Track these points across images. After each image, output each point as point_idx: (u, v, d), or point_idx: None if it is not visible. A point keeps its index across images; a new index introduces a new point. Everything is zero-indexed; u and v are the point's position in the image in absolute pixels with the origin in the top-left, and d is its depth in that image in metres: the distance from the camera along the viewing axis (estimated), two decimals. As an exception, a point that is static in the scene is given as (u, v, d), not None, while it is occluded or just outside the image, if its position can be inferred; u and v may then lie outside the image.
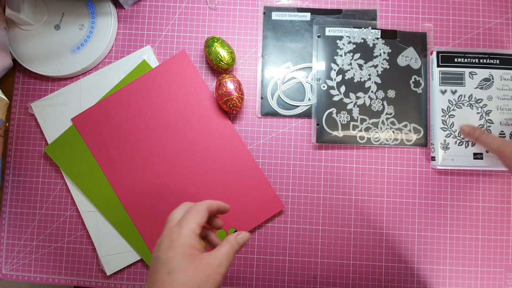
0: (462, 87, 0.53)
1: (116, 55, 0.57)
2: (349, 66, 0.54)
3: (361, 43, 0.55)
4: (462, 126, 0.52)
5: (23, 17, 0.52)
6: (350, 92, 0.54)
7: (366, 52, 0.55)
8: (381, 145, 0.54)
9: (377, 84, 0.54)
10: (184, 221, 0.35)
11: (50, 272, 0.55)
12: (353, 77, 0.54)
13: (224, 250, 0.35)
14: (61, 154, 0.54)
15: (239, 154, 0.54)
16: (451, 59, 0.53)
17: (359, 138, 0.54)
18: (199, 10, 0.57)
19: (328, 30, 0.55)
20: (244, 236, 0.37)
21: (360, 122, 0.54)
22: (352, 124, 0.54)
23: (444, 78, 0.53)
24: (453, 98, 0.53)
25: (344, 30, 0.55)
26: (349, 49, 0.55)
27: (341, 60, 0.54)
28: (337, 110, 0.54)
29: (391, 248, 0.54)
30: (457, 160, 0.53)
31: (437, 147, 0.53)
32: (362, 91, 0.54)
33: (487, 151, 0.52)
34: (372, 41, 0.55)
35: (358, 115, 0.54)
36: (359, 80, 0.54)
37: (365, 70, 0.54)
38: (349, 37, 0.55)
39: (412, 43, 0.55)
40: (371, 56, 0.55)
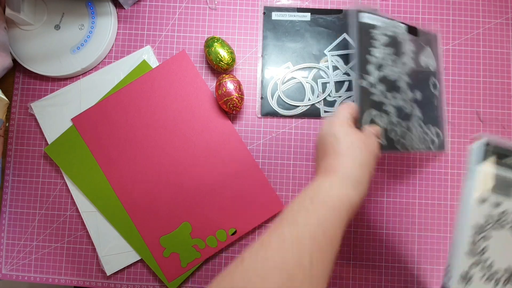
0: (510, 200, 0.36)
1: (116, 55, 0.57)
2: (384, 61, 0.45)
3: (392, 36, 0.46)
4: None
5: (23, 17, 0.52)
6: (387, 91, 0.45)
7: (396, 47, 0.47)
8: (413, 151, 0.48)
9: (408, 84, 0.47)
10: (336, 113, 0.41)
11: (50, 272, 0.55)
12: (388, 74, 0.45)
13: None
14: (61, 154, 0.54)
15: (239, 154, 0.54)
16: (503, 157, 0.36)
17: (401, 145, 0.46)
18: (199, 10, 0.57)
19: (366, 16, 0.45)
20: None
21: (400, 126, 0.46)
22: (391, 129, 0.45)
23: (497, 183, 0.36)
24: (494, 213, 0.36)
25: (379, 19, 0.46)
26: (383, 41, 0.45)
27: (377, 52, 0.45)
28: (377, 111, 0.44)
29: (391, 248, 0.54)
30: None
31: (455, 277, 0.36)
32: (396, 90, 0.46)
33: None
34: (401, 36, 0.48)
35: (396, 119, 0.45)
36: (392, 78, 0.46)
37: (397, 68, 0.46)
38: (382, 28, 0.46)
39: (428, 43, 0.52)
40: (400, 52, 0.47)
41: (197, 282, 0.54)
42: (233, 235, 0.53)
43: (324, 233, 0.32)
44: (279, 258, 0.30)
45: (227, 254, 0.54)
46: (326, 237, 0.32)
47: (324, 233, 0.32)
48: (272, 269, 0.30)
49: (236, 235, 0.53)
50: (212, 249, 0.53)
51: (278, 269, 0.30)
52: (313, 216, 0.33)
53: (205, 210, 0.53)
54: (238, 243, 0.54)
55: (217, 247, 0.53)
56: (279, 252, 0.31)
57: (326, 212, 0.33)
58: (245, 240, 0.54)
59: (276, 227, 0.33)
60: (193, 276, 0.54)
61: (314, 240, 0.31)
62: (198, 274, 0.54)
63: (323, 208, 0.33)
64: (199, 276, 0.54)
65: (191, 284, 0.54)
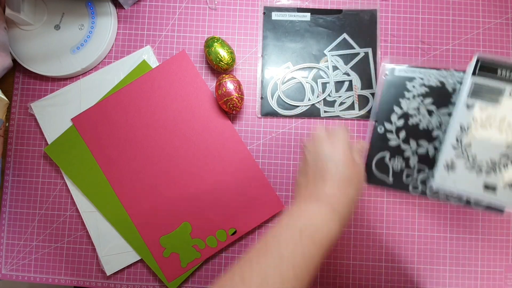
0: (495, 106, 0.44)
1: (116, 55, 0.57)
2: (415, 111, 0.48)
3: (438, 87, 0.48)
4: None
5: (23, 17, 0.52)
6: (411, 138, 0.48)
7: (441, 97, 0.48)
8: (438, 199, 0.49)
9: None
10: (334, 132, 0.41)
11: (50, 272, 0.55)
12: (418, 123, 0.48)
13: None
14: (61, 154, 0.54)
15: (239, 154, 0.54)
16: (493, 70, 0.44)
17: (413, 188, 0.49)
18: (199, 10, 0.57)
19: (399, 70, 0.49)
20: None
21: (417, 172, 0.48)
22: (406, 173, 0.49)
23: (476, 91, 0.44)
24: (479, 117, 0.44)
25: (418, 71, 0.49)
26: (420, 92, 0.48)
27: (407, 103, 0.48)
28: (391, 155, 0.49)
29: (391, 248, 0.54)
30: (460, 185, 0.45)
31: (440, 164, 0.45)
32: (426, 139, 0.48)
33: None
34: (452, 85, 0.48)
35: (416, 164, 0.48)
36: (425, 127, 0.48)
37: (435, 118, 0.48)
38: (422, 79, 0.48)
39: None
40: (447, 102, 0.48)
41: (197, 282, 0.54)
42: (233, 235, 0.53)
43: (307, 267, 0.33)
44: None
45: (227, 254, 0.54)
46: (308, 270, 0.33)
47: (307, 267, 0.33)
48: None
49: (236, 235, 0.53)
50: (212, 249, 0.53)
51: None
52: (299, 250, 0.33)
53: (205, 210, 0.53)
54: (238, 243, 0.54)
55: (217, 247, 0.53)
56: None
57: (312, 248, 0.34)
58: (245, 240, 0.54)
59: (259, 257, 0.33)
60: (193, 276, 0.54)
61: (296, 273, 0.32)
62: (198, 274, 0.54)
63: (311, 244, 0.34)
64: (199, 276, 0.54)
65: (191, 284, 0.54)
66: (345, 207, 0.37)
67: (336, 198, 0.37)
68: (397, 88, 0.49)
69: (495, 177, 0.44)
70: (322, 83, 0.56)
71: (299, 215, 0.36)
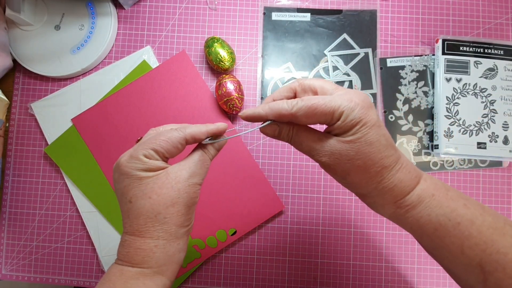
0: (467, 76, 0.53)
1: (116, 55, 0.57)
2: (414, 95, 0.55)
3: (424, 70, 0.56)
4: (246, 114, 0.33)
5: (23, 17, 0.52)
6: (418, 120, 0.55)
7: (429, 78, 0.56)
8: (456, 170, 0.55)
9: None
10: (138, 146, 0.31)
11: (50, 272, 0.55)
12: (419, 105, 0.55)
13: (195, 157, 0.32)
14: (61, 154, 0.54)
15: (239, 154, 0.54)
16: (456, 48, 0.54)
17: (432, 164, 0.55)
18: (199, 10, 0.57)
19: (390, 61, 0.56)
20: (222, 143, 0.34)
21: (432, 148, 0.55)
22: (424, 152, 0.55)
23: (449, 66, 0.53)
24: (457, 86, 0.53)
25: (405, 59, 0.56)
26: (412, 77, 0.55)
27: (405, 89, 0.55)
28: (407, 140, 0.55)
29: (391, 248, 0.54)
30: (461, 149, 0.52)
31: (441, 135, 0.53)
32: (430, 117, 0.55)
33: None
34: (433, 67, 0.56)
35: (429, 142, 0.55)
36: (426, 107, 0.55)
37: (430, 97, 0.55)
38: (411, 66, 0.56)
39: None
40: (434, 81, 0.55)
41: (197, 282, 0.54)
42: (233, 235, 0.53)
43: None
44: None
45: (227, 254, 0.54)
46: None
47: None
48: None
49: (236, 235, 0.53)
50: (212, 249, 0.53)
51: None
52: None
53: (205, 210, 0.53)
54: (238, 243, 0.54)
55: (217, 247, 0.53)
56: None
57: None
58: (245, 240, 0.54)
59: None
60: (193, 276, 0.54)
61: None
62: (198, 274, 0.54)
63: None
64: (199, 276, 0.54)
65: (191, 284, 0.54)
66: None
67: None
68: (394, 77, 0.56)
69: (482, 136, 0.53)
70: (322, 83, 0.56)
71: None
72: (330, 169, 0.30)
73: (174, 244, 0.31)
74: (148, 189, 0.30)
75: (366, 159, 0.28)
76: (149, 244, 0.30)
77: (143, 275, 0.30)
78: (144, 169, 0.30)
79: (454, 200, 0.30)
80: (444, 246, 0.28)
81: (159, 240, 0.30)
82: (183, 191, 0.30)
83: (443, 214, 0.29)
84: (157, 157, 0.31)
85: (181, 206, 0.30)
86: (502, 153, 0.52)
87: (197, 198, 0.32)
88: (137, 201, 0.30)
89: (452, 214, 0.28)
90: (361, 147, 0.28)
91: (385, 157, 0.29)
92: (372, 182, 0.29)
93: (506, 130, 0.53)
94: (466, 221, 0.28)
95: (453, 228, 0.28)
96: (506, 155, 0.52)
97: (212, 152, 0.34)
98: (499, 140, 0.53)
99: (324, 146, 0.29)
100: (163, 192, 0.30)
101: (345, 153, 0.29)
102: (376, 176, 0.29)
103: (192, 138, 0.32)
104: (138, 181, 0.30)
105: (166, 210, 0.30)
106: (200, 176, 0.32)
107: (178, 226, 0.31)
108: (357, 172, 0.29)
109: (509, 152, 0.53)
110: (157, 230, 0.30)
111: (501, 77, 0.53)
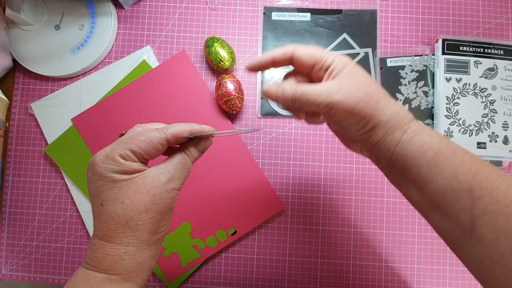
0: (467, 76, 0.53)
1: (116, 55, 0.57)
2: (413, 95, 0.55)
3: (424, 70, 0.55)
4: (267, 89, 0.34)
5: (23, 17, 0.52)
6: (418, 120, 0.53)
7: (429, 78, 0.55)
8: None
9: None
10: (116, 145, 0.29)
11: (50, 272, 0.55)
12: (419, 105, 0.55)
13: (176, 160, 0.31)
14: (61, 154, 0.54)
15: (239, 154, 0.54)
16: (456, 48, 0.54)
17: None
18: (199, 10, 0.57)
19: (390, 61, 0.56)
20: (204, 141, 0.33)
21: None
22: None
23: (449, 66, 0.53)
24: (457, 86, 0.53)
25: (405, 59, 0.56)
26: (412, 77, 0.55)
27: (405, 89, 0.55)
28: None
29: (391, 248, 0.54)
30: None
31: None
32: (430, 117, 0.55)
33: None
34: (433, 67, 0.56)
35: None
36: (426, 107, 0.55)
37: (430, 97, 0.55)
38: (411, 66, 0.56)
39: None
40: (434, 81, 0.55)
41: (197, 282, 0.54)
42: (233, 235, 0.53)
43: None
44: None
45: (227, 254, 0.54)
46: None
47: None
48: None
49: (236, 235, 0.53)
50: (212, 249, 0.53)
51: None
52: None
53: (205, 210, 0.53)
54: (238, 243, 0.54)
55: (217, 247, 0.53)
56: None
57: None
58: (245, 240, 0.54)
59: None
60: (193, 276, 0.54)
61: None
62: (198, 274, 0.54)
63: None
64: (199, 276, 0.54)
65: (191, 284, 0.54)
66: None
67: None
68: (394, 77, 0.56)
69: (482, 136, 0.53)
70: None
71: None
72: (343, 106, 0.31)
73: (145, 251, 0.29)
74: (122, 193, 0.28)
75: (369, 88, 0.31)
76: (118, 251, 0.28)
77: (110, 281, 0.29)
78: (119, 171, 0.28)
79: (447, 137, 0.33)
80: (440, 172, 0.30)
81: (129, 246, 0.29)
82: (159, 197, 0.29)
83: (442, 143, 0.31)
84: (135, 158, 0.29)
85: (155, 213, 0.29)
86: (502, 153, 0.52)
87: (174, 204, 0.30)
88: (109, 205, 0.28)
89: (449, 144, 0.31)
90: (361, 78, 0.32)
91: (381, 89, 0.33)
92: (381, 107, 0.31)
93: (506, 130, 0.53)
94: (460, 151, 0.31)
95: (450, 154, 0.30)
96: (506, 155, 0.52)
97: (195, 154, 0.32)
98: (499, 140, 0.53)
99: (331, 86, 0.31)
100: (137, 197, 0.28)
101: (352, 84, 0.31)
102: (381, 100, 0.32)
103: (174, 138, 0.30)
104: (111, 184, 0.28)
105: (139, 216, 0.28)
106: (179, 181, 0.30)
107: (151, 233, 0.29)
108: (367, 100, 0.31)
109: (509, 152, 0.53)
110: (127, 236, 0.28)
111: (501, 77, 0.53)
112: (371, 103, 0.31)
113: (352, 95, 0.31)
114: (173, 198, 0.30)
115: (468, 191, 0.29)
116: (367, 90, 0.31)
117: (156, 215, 0.29)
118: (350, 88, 0.31)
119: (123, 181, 0.28)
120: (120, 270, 0.29)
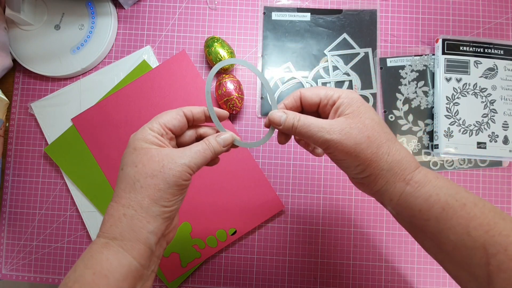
0: (467, 76, 0.53)
1: (116, 55, 0.57)
2: (413, 95, 0.55)
3: (424, 70, 0.55)
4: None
5: (23, 17, 0.52)
6: (418, 120, 0.55)
7: (429, 78, 0.56)
8: (455, 170, 0.55)
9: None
10: (147, 123, 0.33)
11: (50, 272, 0.55)
12: (419, 105, 0.55)
13: (194, 146, 0.32)
14: (61, 154, 0.54)
15: (239, 154, 0.54)
16: (456, 47, 0.54)
17: (432, 164, 0.55)
18: (199, 10, 0.57)
19: (390, 61, 0.56)
20: (227, 137, 0.34)
21: (432, 148, 0.55)
22: (424, 152, 0.55)
23: (449, 66, 0.53)
24: (457, 86, 0.53)
25: (405, 59, 0.56)
26: (412, 77, 0.55)
27: (405, 89, 0.55)
28: (407, 139, 0.55)
29: (391, 248, 0.54)
30: (460, 149, 0.52)
31: (441, 135, 0.53)
32: (430, 117, 0.55)
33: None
34: (433, 67, 0.56)
35: (429, 142, 0.55)
36: (426, 107, 0.55)
37: (430, 97, 0.55)
38: (411, 66, 0.56)
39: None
40: (434, 81, 0.55)
41: (197, 282, 0.54)
42: (233, 235, 0.53)
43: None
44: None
45: (227, 254, 0.54)
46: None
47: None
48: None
49: (236, 235, 0.53)
50: (212, 249, 0.53)
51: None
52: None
53: (205, 210, 0.53)
54: (238, 243, 0.54)
55: (217, 247, 0.53)
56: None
57: None
58: (245, 240, 0.54)
59: None
60: (193, 276, 0.54)
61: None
62: (198, 274, 0.54)
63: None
64: (199, 276, 0.54)
65: (191, 284, 0.54)
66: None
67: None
68: (394, 77, 0.56)
69: (482, 136, 0.52)
70: (322, 83, 0.56)
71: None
72: (342, 146, 0.30)
73: (143, 220, 0.30)
74: (138, 159, 0.30)
75: (371, 131, 0.31)
76: (119, 211, 0.30)
77: (107, 248, 0.29)
78: (142, 139, 0.31)
79: (454, 184, 0.31)
80: (450, 228, 0.29)
81: (129, 209, 0.30)
82: (167, 167, 0.30)
83: (450, 195, 0.29)
84: (161, 129, 0.32)
85: (160, 180, 0.30)
86: (502, 153, 0.52)
87: (184, 182, 0.31)
88: (126, 168, 0.31)
89: (457, 195, 0.29)
90: (365, 120, 0.31)
91: (387, 132, 0.31)
92: (382, 153, 0.30)
93: (506, 130, 0.53)
94: (470, 203, 0.29)
95: (459, 208, 0.29)
96: (506, 155, 0.52)
97: (214, 144, 0.33)
98: (499, 140, 0.53)
99: (333, 123, 0.31)
100: (149, 164, 0.30)
101: (355, 125, 0.30)
102: (383, 146, 0.31)
103: (189, 111, 0.34)
104: (133, 151, 0.31)
105: (145, 180, 0.30)
106: (194, 163, 0.31)
107: (152, 201, 0.30)
108: (368, 144, 0.30)
109: (509, 152, 0.53)
110: (130, 197, 0.30)
111: (501, 77, 0.53)
112: (371, 148, 0.30)
113: (353, 136, 0.30)
114: (183, 174, 0.30)
115: (482, 248, 0.27)
116: (370, 134, 0.30)
117: (160, 183, 0.30)
118: (352, 129, 0.30)
119: (143, 149, 0.31)
120: (116, 233, 0.30)
